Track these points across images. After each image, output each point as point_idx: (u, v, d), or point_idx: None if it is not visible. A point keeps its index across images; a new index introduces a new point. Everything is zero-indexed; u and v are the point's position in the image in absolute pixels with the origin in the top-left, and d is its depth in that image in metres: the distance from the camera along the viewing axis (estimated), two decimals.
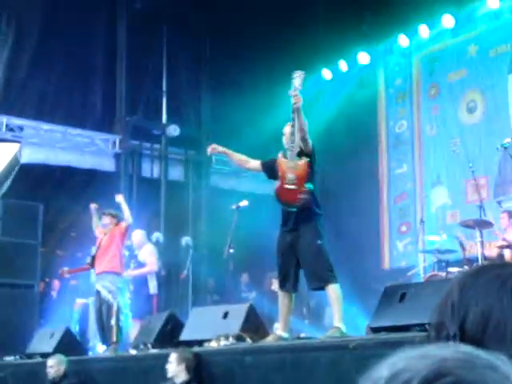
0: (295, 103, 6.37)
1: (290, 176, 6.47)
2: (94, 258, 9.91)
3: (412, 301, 5.71)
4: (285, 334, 6.70)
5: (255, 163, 7.11)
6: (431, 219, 12.64)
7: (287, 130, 6.59)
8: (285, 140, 6.67)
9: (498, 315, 1.17)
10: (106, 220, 10.06)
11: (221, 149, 7.17)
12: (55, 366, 8.41)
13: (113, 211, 10.25)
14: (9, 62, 12.64)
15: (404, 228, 13.50)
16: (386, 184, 14.06)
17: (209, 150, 7.29)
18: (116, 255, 9.90)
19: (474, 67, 12.80)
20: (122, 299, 9.74)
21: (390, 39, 14.14)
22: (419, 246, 11.46)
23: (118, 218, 10.12)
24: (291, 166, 6.48)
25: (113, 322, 9.48)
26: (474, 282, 1.23)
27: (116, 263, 9.88)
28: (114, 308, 9.59)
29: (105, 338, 9.72)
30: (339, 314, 6.52)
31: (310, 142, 6.56)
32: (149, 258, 10.80)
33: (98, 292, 9.74)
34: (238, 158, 7.27)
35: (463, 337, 1.18)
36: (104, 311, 9.62)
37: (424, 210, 13.01)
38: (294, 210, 6.49)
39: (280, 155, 6.69)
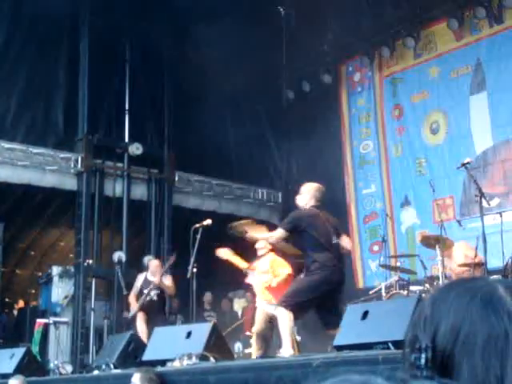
0: None
1: None
2: None
3: (374, 319, 5.74)
4: None
5: None
6: (402, 239, 12.78)
7: None
8: None
9: (468, 328, 1.19)
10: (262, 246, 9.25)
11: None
12: None
13: None
14: None
15: (376, 247, 13.47)
16: (353, 204, 14.13)
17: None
18: None
19: (436, 88, 12.98)
20: None
21: (351, 60, 14.28)
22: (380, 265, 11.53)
23: None
24: None
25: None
26: (446, 296, 1.25)
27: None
28: None
29: None
30: None
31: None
32: None
33: None
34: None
35: (435, 349, 1.21)
36: None
37: (393, 230, 13.13)
38: None
39: None
